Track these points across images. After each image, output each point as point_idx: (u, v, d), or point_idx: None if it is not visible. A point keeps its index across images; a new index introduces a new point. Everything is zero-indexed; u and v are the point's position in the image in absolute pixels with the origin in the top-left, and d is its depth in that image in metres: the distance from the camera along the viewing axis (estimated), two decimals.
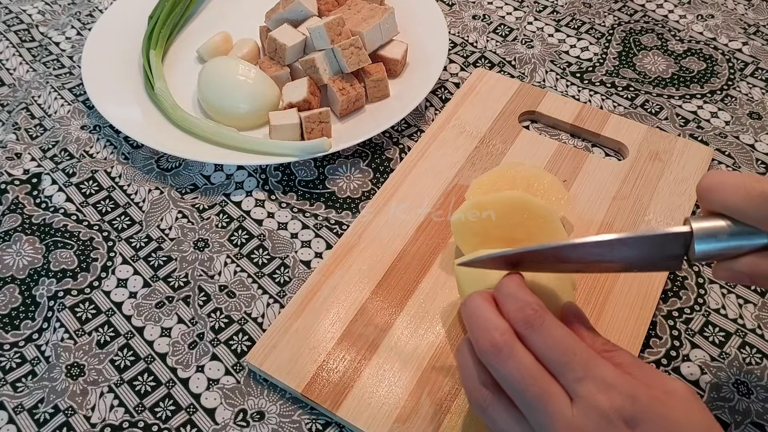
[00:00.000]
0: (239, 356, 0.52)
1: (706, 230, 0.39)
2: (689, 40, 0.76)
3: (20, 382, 0.51)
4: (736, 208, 0.38)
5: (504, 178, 0.55)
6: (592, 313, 0.52)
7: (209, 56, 0.72)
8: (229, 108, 0.65)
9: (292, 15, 0.69)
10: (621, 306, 0.52)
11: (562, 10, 0.80)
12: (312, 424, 0.48)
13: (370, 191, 0.62)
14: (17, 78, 0.73)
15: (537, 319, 0.38)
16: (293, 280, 0.56)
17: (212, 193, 0.62)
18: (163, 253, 0.58)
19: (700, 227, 0.39)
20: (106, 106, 0.66)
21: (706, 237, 0.39)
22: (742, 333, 0.53)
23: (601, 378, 0.36)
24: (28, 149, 0.66)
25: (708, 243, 0.39)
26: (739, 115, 0.68)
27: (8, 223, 0.60)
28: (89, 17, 0.81)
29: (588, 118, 0.65)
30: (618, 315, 0.51)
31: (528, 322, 0.38)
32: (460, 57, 0.74)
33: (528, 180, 0.55)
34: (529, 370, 0.36)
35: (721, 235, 0.39)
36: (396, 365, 0.49)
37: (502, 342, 0.37)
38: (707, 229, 0.39)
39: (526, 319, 0.38)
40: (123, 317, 0.54)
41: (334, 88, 0.65)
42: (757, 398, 0.49)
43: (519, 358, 0.37)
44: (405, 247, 0.56)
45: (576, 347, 0.37)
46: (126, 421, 0.49)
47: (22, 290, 0.56)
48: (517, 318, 0.38)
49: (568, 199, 0.54)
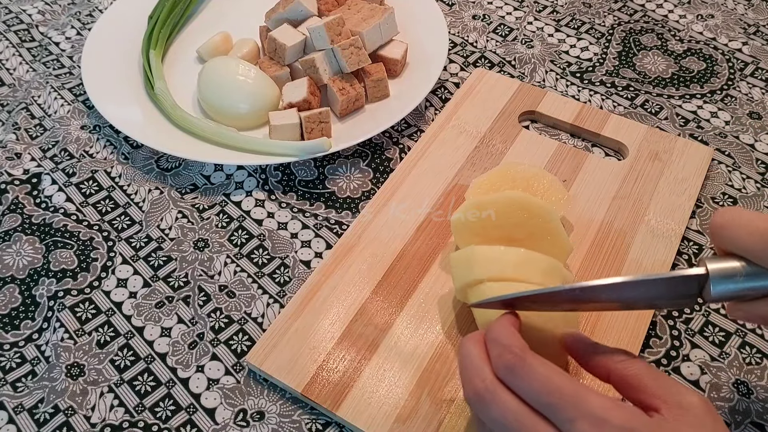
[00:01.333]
0: (239, 356, 0.52)
1: (721, 271, 0.39)
2: (689, 40, 0.76)
3: (20, 382, 0.51)
4: (748, 249, 0.38)
5: (504, 177, 0.55)
6: (592, 312, 0.52)
7: (209, 56, 0.72)
8: (229, 108, 0.65)
9: (292, 15, 0.69)
10: None
11: (562, 10, 0.80)
12: (312, 424, 0.48)
13: (370, 191, 0.62)
14: (17, 78, 0.73)
15: (517, 363, 0.37)
16: (293, 280, 0.56)
17: (212, 193, 0.62)
18: (163, 253, 0.58)
19: (715, 268, 0.39)
20: (106, 106, 0.66)
21: (722, 278, 0.39)
22: (742, 333, 0.53)
23: (592, 414, 0.35)
24: (28, 149, 0.66)
25: (724, 284, 0.39)
26: (739, 115, 0.68)
27: (8, 223, 0.60)
28: (89, 17, 0.81)
29: (588, 118, 0.65)
30: (618, 315, 0.51)
31: (508, 367, 0.37)
32: (460, 57, 0.74)
33: (528, 180, 0.55)
34: (514, 414, 0.36)
35: (737, 276, 0.38)
36: (396, 365, 0.49)
37: (483, 389, 0.37)
38: (723, 270, 0.39)
39: (506, 365, 0.37)
40: (123, 317, 0.54)
41: (334, 88, 0.65)
42: (757, 398, 0.49)
43: (502, 403, 0.37)
44: (405, 247, 0.56)
45: (561, 385, 0.36)
46: (126, 421, 0.49)
47: (22, 290, 0.56)
48: (498, 365, 0.38)
49: (568, 199, 0.54)
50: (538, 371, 0.36)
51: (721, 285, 0.39)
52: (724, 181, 0.62)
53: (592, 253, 0.55)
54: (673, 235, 0.56)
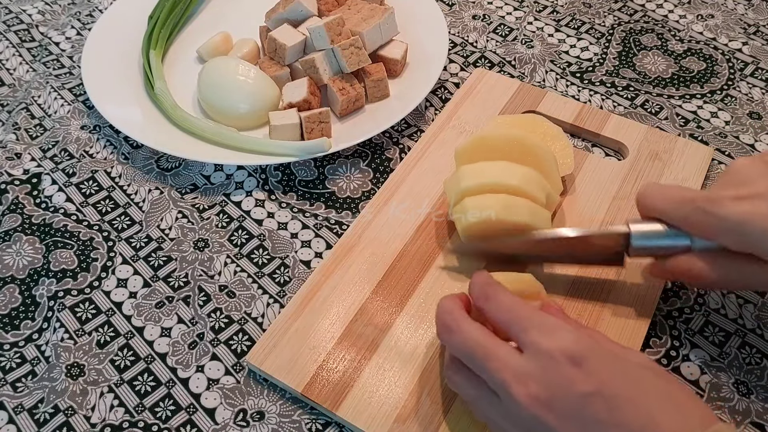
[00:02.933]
0: (239, 356, 0.52)
1: (641, 230, 0.48)
2: (689, 40, 0.76)
3: (20, 382, 0.51)
4: (662, 211, 0.47)
5: (525, 123, 0.60)
6: (592, 313, 0.52)
7: (209, 56, 0.72)
8: (229, 108, 0.65)
9: (292, 15, 0.69)
10: (621, 306, 0.52)
11: (562, 10, 0.80)
12: (312, 424, 0.48)
13: (370, 191, 0.62)
14: (17, 78, 0.73)
15: (490, 291, 0.42)
16: (293, 280, 0.56)
17: (212, 193, 0.62)
18: (163, 253, 0.58)
19: (637, 228, 0.48)
20: (106, 106, 0.66)
21: (642, 236, 0.48)
22: (742, 333, 0.53)
23: (544, 324, 0.39)
24: (28, 149, 0.66)
25: (643, 240, 0.48)
26: (739, 115, 0.68)
27: (8, 223, 0.60)
28: (89, 17, 0.81)
29: (588, 118, 0.65)
30: (618, 315, 0.51)
31: (483, 295, 0.42)
32: (460, 57, 0.74)
33: (545, 133, 0.59)
34: (474, 337, 0.40)
35: (654, 235, 0.47)
36: (396, 365, 0.49)
37: (450, 320, 0.42)
38: (643, 229, 0.48)
39: (482, 294, 0.43)
40: (123, 317, 0.54)
41: (334, 88, 0.65)
42: (757, 398, 0.49)
43: (464, 330, 0.41)
44: (405, 247, 0.56)
45: (521, 306, 0.41)
46: (126, 421, 0.49)
47: (22, 290, 0.56)
48: (477, 296, 0.43)
49: (570, 164, 0.58)
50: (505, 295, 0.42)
51: (640, 240, 0.48)
52: None
53: None
54: None
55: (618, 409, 0.36)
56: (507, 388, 0.38)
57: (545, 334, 0.38)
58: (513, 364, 0.38)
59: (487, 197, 0.51)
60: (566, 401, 0.37)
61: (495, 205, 0.50)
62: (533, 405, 0.37)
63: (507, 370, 0.38)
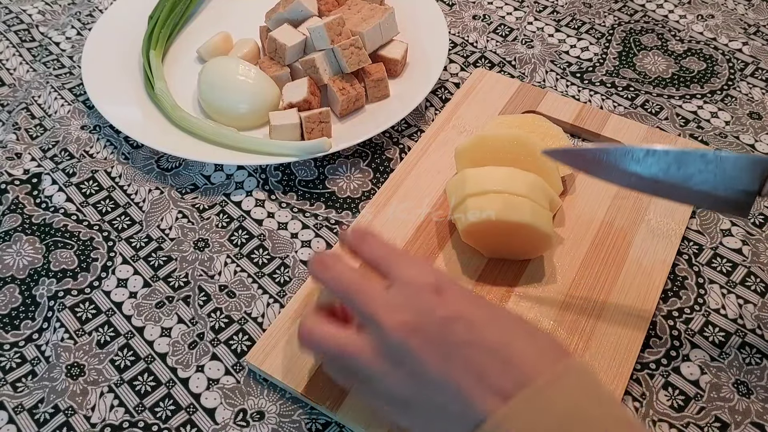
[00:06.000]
0: (239, 356, 0.52)
1: None
2: (689, 40, 0.76)
3: (20, 382, 0.51)
4: None
5: (524, 123, 0.60)
6: (592, 312, 0.52)
7: (209, 56, 0.72)
8: (229, 108, 0.65)
9: (292, 15, 0.69)
10: (621, 305, 0.52)
11: (562, 10, 0.80)
12: (312, 424, 0.48)
13: (370, 191, 0.62)
14: (17, 78, 0.73)
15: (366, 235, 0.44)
16: (293, 280, 0.56)
17: (212, 193, 0.62)
18: (163, 253, 0.58)
19: None
20: (106, 106, 0.66)
21: None
22: (742, 333, 0.53)
23: (409, 260, 0.42)
24: (28, 149, 0.66)
25: None
26: (739, 115, 0.68)
27: (8, 223, 0.60)
28: (89, 17, 0.81)
29: (588, 118, 0.65)
30: (618, 315, 0.51)
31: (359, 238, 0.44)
32: (460, 57, 0.74)
33: (545, 134, 0.59)
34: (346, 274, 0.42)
35: None
36: None
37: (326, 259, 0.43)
38: None
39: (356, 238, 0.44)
40: (123, 317, 0.54)
41: (334, 88, 0.65)
42: (757, 398, 0.49)
43: (338, 268, 0.42)
44: (405, 247, 0.56)
45: (392, 247, 0.43)
46: (126, 421, 0.49)
47: (22, 290, 0.56)
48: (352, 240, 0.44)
49: None
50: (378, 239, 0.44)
51: None
52: None
53: (592, 252, 0.55)
54: (673, 235, 0.56)
55: (477, 329, 0.38)
56: (376, 318, 0.39)
57: (411, 267, 0.41)
58: (382, 296, 0.40)
59: (489, 197, 0.51)
60: (430, 325, 0.38)
61: (495, 204, 0.50)
62: (399, 329, 0.38)
63: (376, 302, 0.40)
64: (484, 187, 0.51)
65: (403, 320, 0.38)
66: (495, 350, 0.37)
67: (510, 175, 0.52)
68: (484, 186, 0.51)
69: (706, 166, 0.44)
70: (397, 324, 0.38)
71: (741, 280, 0.55)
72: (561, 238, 0.56)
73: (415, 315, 0.39)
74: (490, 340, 0.37)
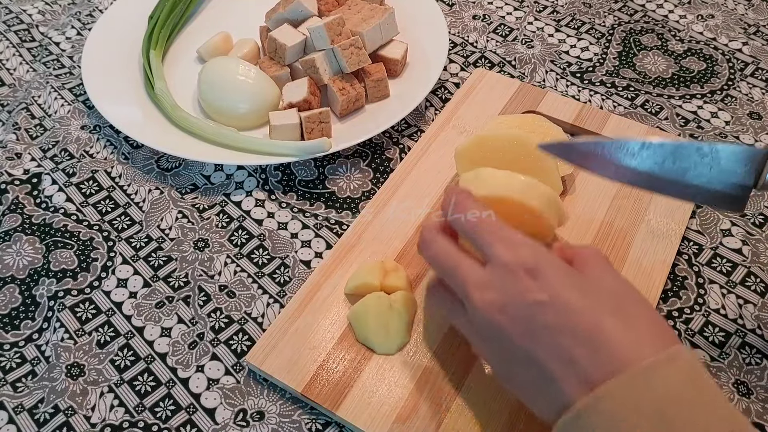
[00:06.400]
0: (239, 356, 0.52)
1: None
2: (689, 40, 0.76)
3: (20, 382, 0.51)
4: None
5: (524, 123, 0.60)
6: None
7: (209, 56, 0.72)
8: (229, 108, 0.65)
9: (292, 15, 0.69)
10: None
11: (562, 10, 0.80)
12: (312, 424, 0.48)
13: (370, 191, 0.62)
14: (17, 78, 0.73)
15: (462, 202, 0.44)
16: (293, 280, 0.56)
17: (212, 193, 0.62)
18: (163, 253, 0.58)
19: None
20: (106, 106, 0.66)
21: None
22: (742, 333, 0.53)
23: (508, 239, 0.41)
24: (28, 149, 0.66)
25: None
26: (739, 115, 0.68)
27: (8, 223, 0.60)
28: (89, 17, 0.81)
29: (588, 118, 0.65)
30: None
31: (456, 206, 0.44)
32: (460, 57, 0.74)
33: (544, 133, 0.59)
34: (445, 249, 0.43)
35: None
36: (396, 365, 0.49)
37: (428, 235, 0.45)
38: None
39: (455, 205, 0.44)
40: (123, 317, 0.54)
41: (334, 88, 0.65)
42: (757, 398, 0.49)
43: (438, 243, 0.44)
44: (405, 247, 0.56)
45: (489, 221, 0.42)
46: (126, 421, 0.49)
47: (22, 290, 0.56)
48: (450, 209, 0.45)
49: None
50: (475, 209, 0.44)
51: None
52: None
53: None
54: (673, 235, 0.56)
55: (566, 316, 0.38)
56: (468, 295, 0.41)
57: (509, 248, 0.41)
58: (477, 275, 0.41)
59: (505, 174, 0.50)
60: (518, 307, 0.39)
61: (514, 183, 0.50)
62: (488, 309, 0.40)
63: (470, 279, 0.41)
64: (502, 194, 0.49)
65: (492, 299, 0.40)
66: (586, 338, 0.37)
67: (529, 184, 0.50)
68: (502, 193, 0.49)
69: (702, 159, 0.44)
70: (486, 302, 0.40)
71: (741, 280, 0.55)
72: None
73: (505, 296, 0.39)
74: (582, 326, 0.37)
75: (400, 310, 0.50)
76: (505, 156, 0.54)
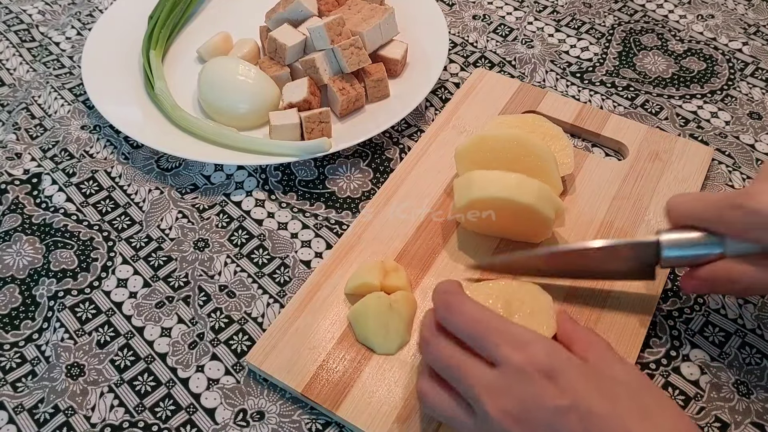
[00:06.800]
0: (239, 356, 0.52)
1: (673, 239, 0.46)
2: (689, 40, 0.76)
3: (20, 382, 0.51)
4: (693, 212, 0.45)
5: (525, 123, 0.60)
6: (592, 313, 0.52)
7: (209, 56, 0.72)
8: (229, 108, 0.65)
9: (292, 15, 0.69)
10: (621, 306, 0.52)
11: (562, 10, 0.80)
12: (312, 424, 0.48)
13: (370, 191, 0.62)
14: (17, 78, 0.73)
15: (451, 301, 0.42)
16: (293, 280, 0.56)
17: (212, 193, 0.62)
18: (163, 253, 0.58)
19: (667, 237, 0.46)
20: (106, 106, 0.66)
21: (673, 245, 0.46)
22: (742, 333, 0.53)
23: (516, 338, 0.39)
24: (28, 149, 0.66)
25: (675, 251, 0.46)
26: (739, 115, 0.68)
27: (8, 223, 0.60)
28: (89, 17, 0.81)
29: (588, 118, 0.65)
30: (618, 315, 0.51)
31: (445, 305, 0.42)
32: (460, 57, 0.74)
33: (545, 134, 0.59)
34: (448, 350, 0.41)
35: (685, 243, 0.46)
36: (396, 365, 0.49)
37: (428, 335, 0.43)
38: (674, 238, 0.46)
39: (444, 304, 0.42)
40: (123, 317, 0.54)
41: (334, 88, 0.65)
42: (757, 398, 0.49)
43: (439, 344, 0.42)
44: (405, 247, 0.56)
45: (488, 318, 0.40)
46: (126, 421, 0.49)
47: (22, 290, 0.56)
48: (439, 307, 0.43)
49: (570, 165, 0.58)
50: (467, 306, 0.41)
51: (673, 251, 0.46)
52: (724, 181, 0.62)
53: None
54: None
55: (592, 422, 0.36)
56: (479, 401, 0.38)
57: (518, 348, 0.38)
58: (486, 378, 0.38)
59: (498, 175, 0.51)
60: (539, 415, 0.37)
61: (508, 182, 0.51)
62: (504, 419, 0.37)
63: (480, 383, 0.38)
64: (494, 193, 0.50)
65: (508, 408, 0.37)
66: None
67: (520, 182, 0.51)
68: (495, 193, 0.50)
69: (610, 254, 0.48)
70: (502, 412, 0.37)
71: None
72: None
73: (522, 403, 0.37)
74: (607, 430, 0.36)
75: (400, 310, 0.50)
76: (505, 156, 0.54)
